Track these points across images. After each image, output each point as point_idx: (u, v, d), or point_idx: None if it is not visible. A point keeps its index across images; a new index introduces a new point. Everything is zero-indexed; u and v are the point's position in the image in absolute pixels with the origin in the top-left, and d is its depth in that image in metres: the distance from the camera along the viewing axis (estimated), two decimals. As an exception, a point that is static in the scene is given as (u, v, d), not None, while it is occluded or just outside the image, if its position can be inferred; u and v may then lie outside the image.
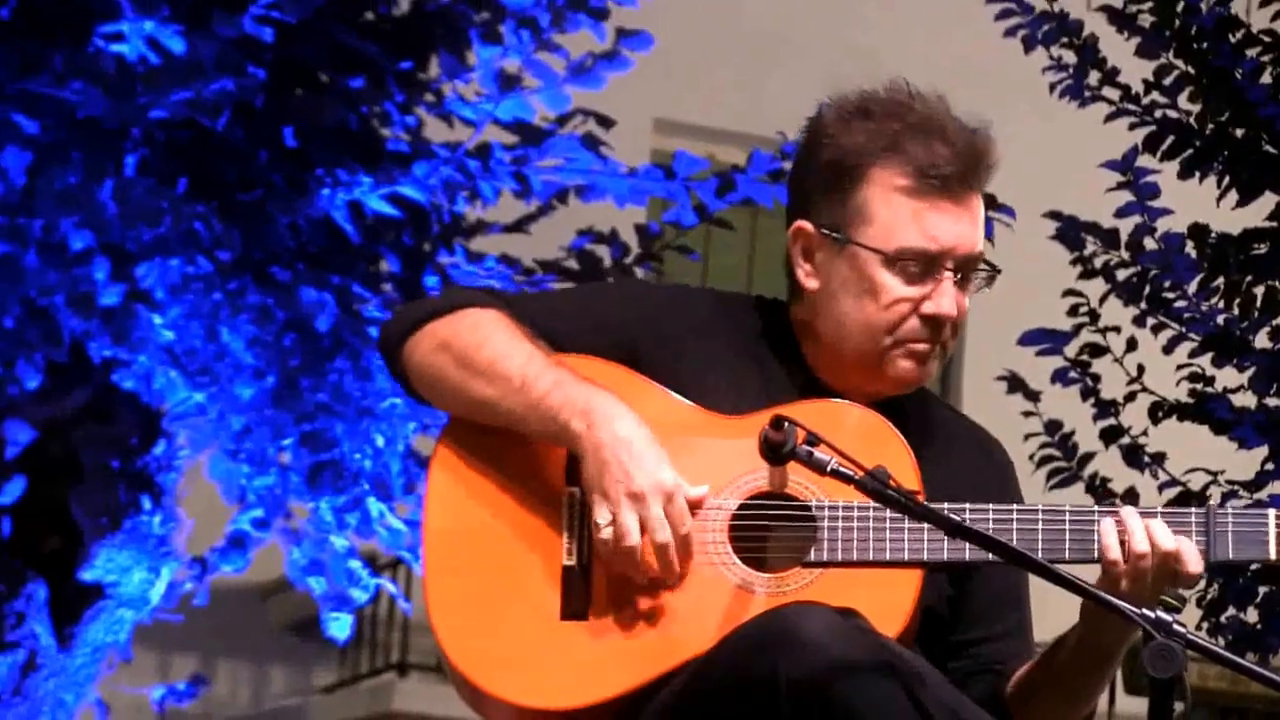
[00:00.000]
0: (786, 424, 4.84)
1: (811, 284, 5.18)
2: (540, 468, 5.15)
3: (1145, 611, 4.54)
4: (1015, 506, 5.03)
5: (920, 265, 5.11)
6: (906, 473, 4.99)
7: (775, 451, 4.88)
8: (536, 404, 5.07)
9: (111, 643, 9.73)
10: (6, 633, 9.47)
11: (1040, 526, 4.98)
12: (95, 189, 9.02)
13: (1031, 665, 5.14)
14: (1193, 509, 5.00)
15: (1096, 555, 4.94)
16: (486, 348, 5.15)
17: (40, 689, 9.58)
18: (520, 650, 5.05)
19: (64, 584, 9.55)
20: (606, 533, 4.97)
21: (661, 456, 5.00)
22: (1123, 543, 4.91)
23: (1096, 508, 5.05)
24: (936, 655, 5.17)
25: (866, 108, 5.25)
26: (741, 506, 5.05)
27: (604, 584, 5.04)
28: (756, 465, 5.03)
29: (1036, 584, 4.94)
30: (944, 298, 5.14)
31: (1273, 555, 4.95)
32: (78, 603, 9.59)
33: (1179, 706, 4.46)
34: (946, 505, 4.93)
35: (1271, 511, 4.98)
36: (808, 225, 5.19)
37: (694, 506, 5.00)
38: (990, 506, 5.00)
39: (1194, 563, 4.89)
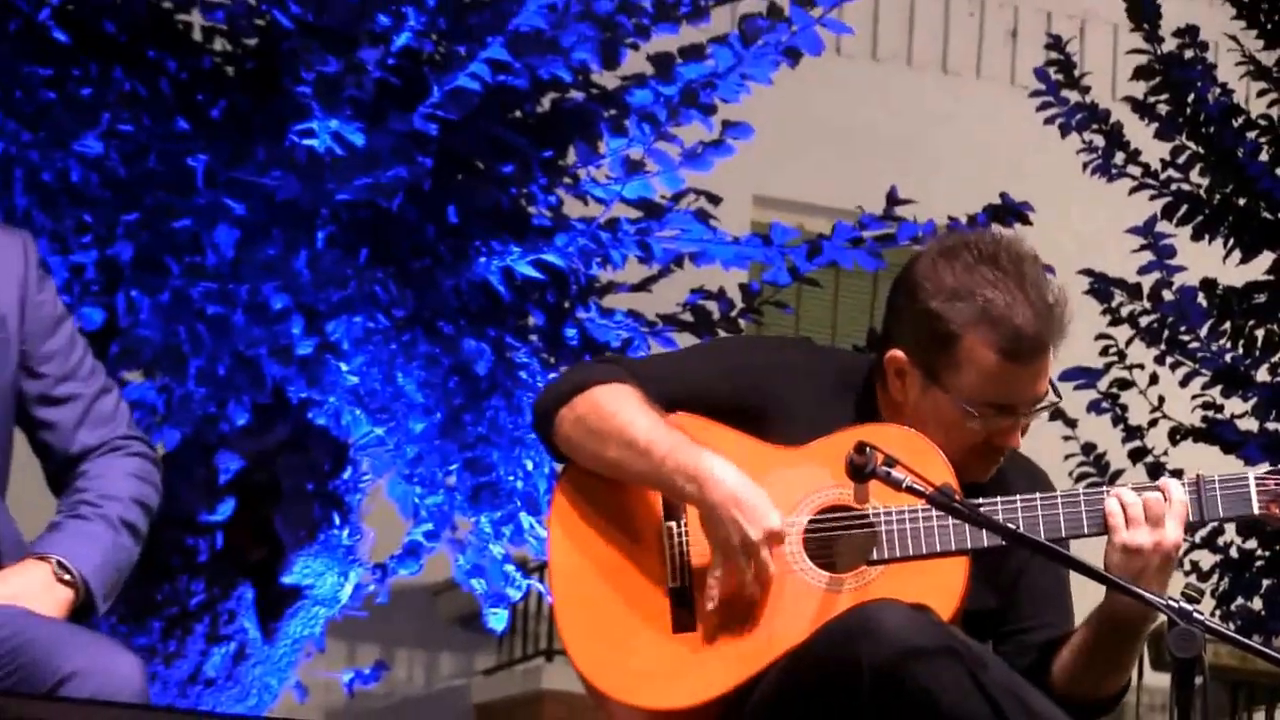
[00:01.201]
0: (868, 448, 4.89)
1: (900, 397, 5.21)
2: (640, 507, 5.20)
3: (1169, 602, 4.59)
4: (1042, 495, 5.07)
5: (998, 413, 5.11)
6: (948, 478, 5.01)
7: (859, 472, 4.92)
8: (657, 468, 5.11)
9: (308, 635, 9.70)
10: (221, 627, 9.44)
11: (1062, 509, 5.04)
12: (292, 259, 8.99)
13: (1070, 643, 5.15)
14: (1184, 479, 5.03)
15: (1104, 528, 5.00)
16: (616, 419, 5.18)
17: (249, 675, 9.54)
18: (642, 663, 5.09)
19: (269, 587, 9.50)
20: (721, 575, 5.04)
21: (766, 502, 5.04)
22: (1126, 514, 4.97)
23: (1105, 488, 5.10)
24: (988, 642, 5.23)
25: (961, 270, 5.17)
26: (811, 521, 5.10)
27: (706, 602, 5.08)
28: (820, 485, 5.11)
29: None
30: (1012, 435, 5.17)
31: (1256, 510, 4.99)
32: (280, 602, 9.55)
33: (1198, 681, 4.51)
34: (981, 500, 5.01)
35: (1251, 473, 5.01)
36: (903, 358, 5.18)
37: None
38: (1018, 498, 5.05)
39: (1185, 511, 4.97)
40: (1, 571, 4.72)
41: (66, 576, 4.74)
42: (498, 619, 9.98)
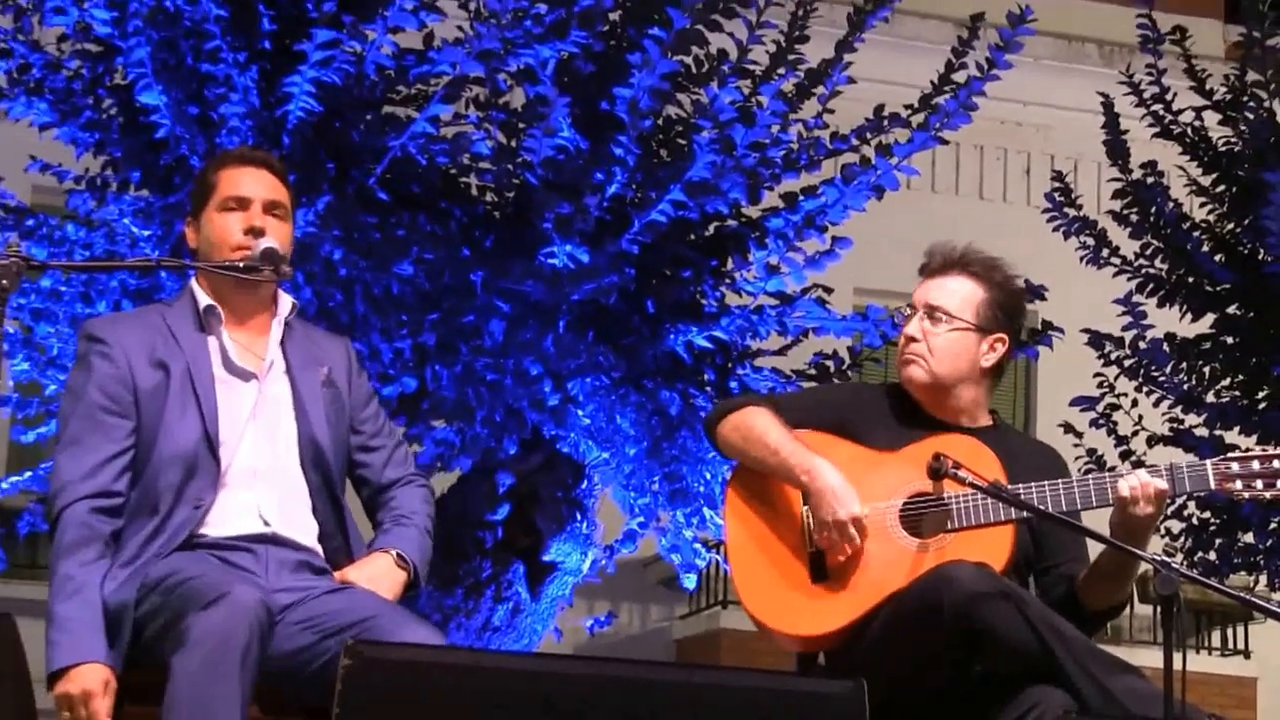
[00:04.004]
0: (942, 456, 4.92)
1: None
2: (787, 498, 5.18)
3: (1154, 555, 4.55)
4: (1070, 479, 5.05)
5: None
6: (997, 472, 5.01)
7: (936, 473, 4.98)
8: (783, 463, 5.13)
9: (561, 595, 9.72)
10: (503, 592, 9.45)
11: (1077, 488, 5.02)
12: (543, 341, 8.99)
13: (1088, 573, 5.12)
14: (1161, 466, 5.04)
15: (1113, 499, 4.98)
16: (757, 429, 5.20)
17: (522, 624, 9.55)
18: (791, 603, 5.09)
19: (534, 564, 9.52)
20: (824, 540, 5.04)
21: (852, 495, 5.04)
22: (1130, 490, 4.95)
23: (1108, 473, 5.11)
24: (1030, 576, 5.22)
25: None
26: (904, 504, 5.07)
27: (834, 561, 5.07)
28: (910, 478, 5.08)
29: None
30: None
31: (1212, 485, 4.97)
32: (542, 574, 9.56)
33: (1175, 610, 4.47)
34: (1021, 487, 4.99)
35: (1208, 461, 5.02)
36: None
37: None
38: (1046, 483, 5.01)
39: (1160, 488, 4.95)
40: (360, 561, 4.75)
41: (402, 564, 4.76)
42: (689, 580, 9.98)
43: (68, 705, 4.31)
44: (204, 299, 4.76)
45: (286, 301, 4.85)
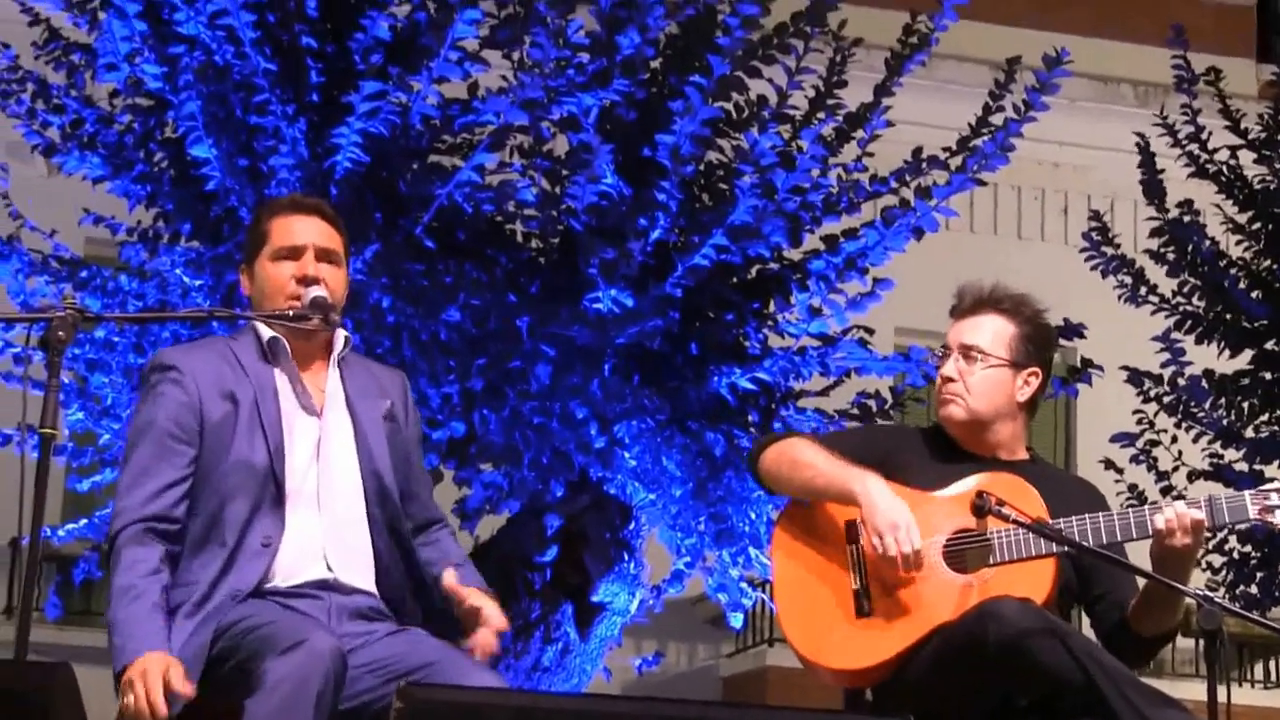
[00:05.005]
0: (985, 494, 4.90)
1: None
2: (833, 534, 5.14)
3: (1197, 590, 4.56)
4: (1110, 512, 5.04)
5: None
6: (1039, 508, 4.99)
7: (980, 510, 4.93)
8: (832, 479, 5.11)
9: (610, 636, 9.73)
10: (552, 632, 9.45)
11: (1116, 521, 5.00)
12: (589, 384, 9.02)
13: (1137, 602, 5.10)
14: (1200, 498, 5.02)
15: (1151, 532, 4.96)
16: (803, 456, 5.18)
17: (571, 664, 9.55)
18: (836, 639, 5.06)
19: (582, 604, 9.52)
20: (879, 546, 5.00)
21: (903, 505, 5.01)
22: (1166, 522, 4.94)
23: (1147, 506, 5.10)
24: (1072, 607, 5.21)
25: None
26: (947, 540, 5.07)
27: (878, 595, 5.05)
28: (952, 515, 5.06)
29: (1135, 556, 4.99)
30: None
31: (1252, 515, 4.96)
32: (590, 614, 9.55)
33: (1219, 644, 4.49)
34: (1061, 521, 4.98)
35: (1247, 491, 5.00)
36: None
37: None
38: (1087, 517, 4.99)
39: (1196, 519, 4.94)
40: (474, 591, 4.81)
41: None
42: (736, 619, 9.98)
43: (130, 690, 4.31)
44: (267, 332, 4.80)
45: (341, 336, 4.89)
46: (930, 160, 9.15)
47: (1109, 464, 11.11)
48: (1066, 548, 4.97)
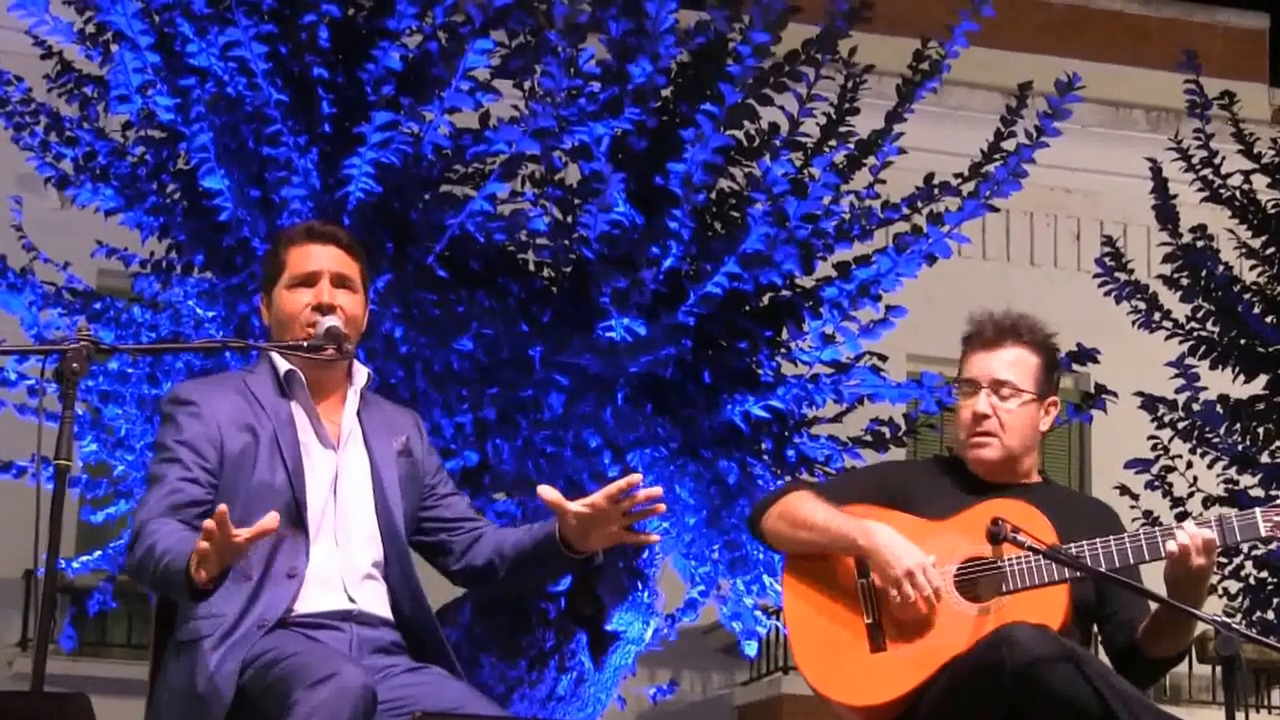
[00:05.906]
0: (1000, 521, 4.90)
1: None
2: (842, 570, 5.15)
3: (1214, 616, 4.56)
4: (1115, 537, 5.02)
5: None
6: (1047, 533, 5.00)
7: (995, 538, 4.95)
8: (835, 534, 5.13)
9: (624, 665, 9.70)
10: (566, 662, 9.43)
11: (1129, 543, 5.00)
12: (601, 413, 9.00)
13: (1148, 624, 5.10)
14: (1211, 518, 5.03)
15: (1164, 554, 4.96)
16: (803, 512, 5.19)
17: (586, 694, 9.53)
18: (850, 673, 5.07)
19: (597, 633, 9.50)
20: (896, 597, 5.02)
21: (911, 545, 5.03)
22: (1179, 544, 4.94)
23: (1159, 527, 5.10)
24: (1091, 627, 5.22)
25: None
26: (959, 569, 5.08)
27: (892, 627, 5.06)
28: (962, 543, 5.07)
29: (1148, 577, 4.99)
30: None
31: (1263, 532, 4.97)
32: (604, 643, 9.52)
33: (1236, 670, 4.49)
34: (1074, 546, 4.98)
35: (1258, 510, 5.00)
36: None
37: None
38: (1099, 540, 4.98)
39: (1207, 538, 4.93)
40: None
41: None
42: (750, 647, 9.97)
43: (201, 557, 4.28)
44: (283, 365, 4.82)
45: (362, 373, 4.91)
46: (942, 186, 9.14)
47: (1124, 490, 11.09)
48: (1079, 574, 4.98)
